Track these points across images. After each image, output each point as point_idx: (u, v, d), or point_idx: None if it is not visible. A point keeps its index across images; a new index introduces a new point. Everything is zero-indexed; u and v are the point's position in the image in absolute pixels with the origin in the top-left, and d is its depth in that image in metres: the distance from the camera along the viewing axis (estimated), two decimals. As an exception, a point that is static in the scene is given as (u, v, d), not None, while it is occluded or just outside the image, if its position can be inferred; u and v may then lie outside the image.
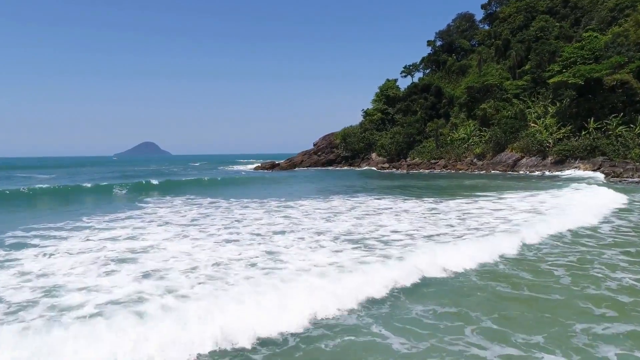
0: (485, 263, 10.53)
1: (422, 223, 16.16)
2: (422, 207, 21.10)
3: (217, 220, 17.29)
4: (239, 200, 24.37)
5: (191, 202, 24.42)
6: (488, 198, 24.77)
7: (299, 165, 71.16)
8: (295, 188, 34.27)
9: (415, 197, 25.52)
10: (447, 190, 30.37)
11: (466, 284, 9.14)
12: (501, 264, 10.57)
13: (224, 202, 23.60)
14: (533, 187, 31.25)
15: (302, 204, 22.49)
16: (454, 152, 59.72)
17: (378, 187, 34.42)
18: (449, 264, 9.94)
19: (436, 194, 27.35)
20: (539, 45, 59.93)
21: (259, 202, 23.40)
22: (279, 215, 18.41)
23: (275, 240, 13.27)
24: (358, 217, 17.91)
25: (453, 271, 9.76)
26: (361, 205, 22.04)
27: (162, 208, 21.55)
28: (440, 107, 66.61)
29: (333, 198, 25.34)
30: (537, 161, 49.15)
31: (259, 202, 23.40)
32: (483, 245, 11.61)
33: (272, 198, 25.39)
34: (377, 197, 25.49)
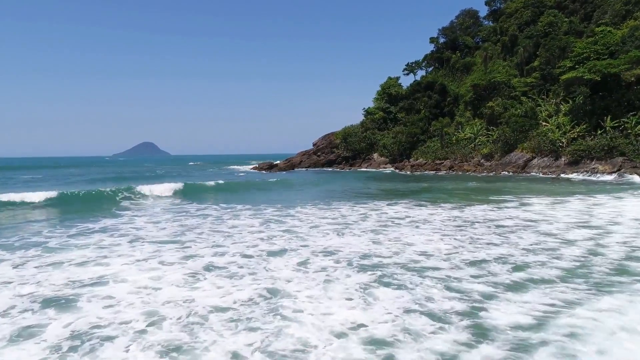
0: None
1: (454, 240, 12.97)
2: (443, 216, 17.97)
3: (202, 235, 14.10)
4: (231, 207, 21.16)
5: (176, 208, 21.22)
6: (511, 203, 21.64)
7: (298, 166, 67.94)
8: (296, 191, 31.06)
9: (430, 203, 22.36)
10: (462, 194, 27.21)
11: None
12: None
13: (214, 209, 20.42)
14: (559, 191, 28.12)
15: (305, 212, 19.30)
16: (460, 153, 56.61)
17: (385, 190, 31.25)
18: None
19: (452, 199, 24.18)
20: (548, 41, 56.84)
21: (254, 210, 20.21)
22: (278, 228, 15.22)
23: (273, 267, 10.10)
24: (373, 229, 14.73)
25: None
26: (372, 213, 18.85)
27: (142, 217, 18.34)
28: (444, 106, 63.50)
29: (339, 204, 22.15)
30: (550, 162, 46.06)
31: (254, 210, 20.20)
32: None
33: (270, 204, 22.20)
34: (389, 203, 22.31)
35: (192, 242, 12.93)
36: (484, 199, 24.68)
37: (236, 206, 21.55)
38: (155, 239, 13.59)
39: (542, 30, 61.19)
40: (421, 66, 76.11)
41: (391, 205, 21.36)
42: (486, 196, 26.15)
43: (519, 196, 25.41)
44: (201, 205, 22.02)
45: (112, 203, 23.37)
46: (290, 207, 21.05)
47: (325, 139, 71.89)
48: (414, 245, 12.25)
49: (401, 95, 68.65)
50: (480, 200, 23.85)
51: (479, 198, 24.95)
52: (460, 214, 18.64)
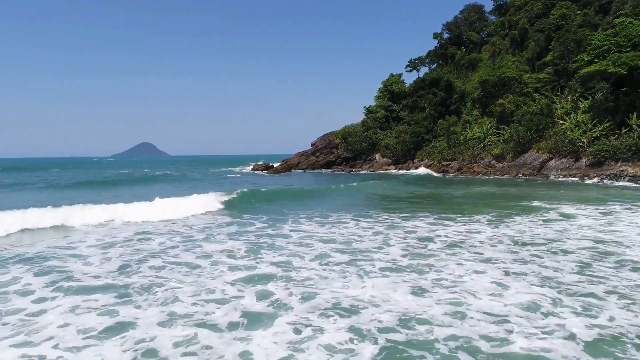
0: None
1: (529, 282, 8.69)
2: (485, 235, 13.76)
3: (145, 270, 9.82)
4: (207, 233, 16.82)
5: (117, 237, 16.90)
6: (549, 212, 17.43)
7: (295, 168, 63.61)
8: (290, 200, 26.75)
9: (458, 214, 18.13)
10: (487, 201, 22.96)
11: None
12: None
13: (175, 237, 16.09)
14: (595, 197, 23.90)
15: (302, 229, 15.02)
16: (469, 153, 52.41)
17: (394, 196, 26.96)
18: None
19: (481, 208, 19.93)
20: (562, 34, 52.72)
21: (237, 227, 15.91)
22: (266, 257, 10.94)
23: (255, 348, 5.84)
24: (402, 263, 10.44)
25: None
26: (390, 231, 14.58)
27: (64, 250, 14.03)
28: (450, 103, 59.31)
29: (343, 218, 17.86)
30: (569, 163, 41.91)
31: (238, 228, 15.91)
32: None
33: (255, 215, 17.88)
34: (406, 216, 18.04)
35: (134, 292, 8.63)
36: (515, 206, 20.48)
37: (213, 234, 17.24)
38: (80, 279, 9.27)
39: (554, 23, 57.12)
40: (424, 63, 71.90)
41: (410, 220, 17.08)
42: (516, 202, 21.96)
43: (551, 203, 21.26)
44: (144, 234, 17.71)
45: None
46: (281, 220, 16.78)
47: (324, 139, 67.58)
48: (475, 294, 7.97)
49: (404, 93, 64.42)
50: (513, 208, 19.61)
51: (510, 205, 20.72)
52: (505, 230, 14.43)
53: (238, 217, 17.69)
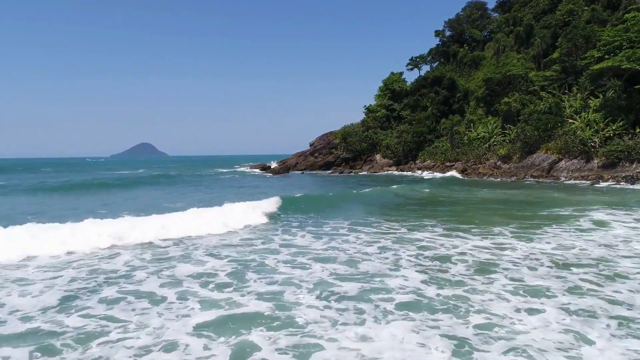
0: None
1: (620, 340, 6.33)
2: (517, 252, 11.45)
3: (93, 306, 7.45)
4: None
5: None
6: (580, 221, 15.09)
7: (294, 168, 61.23)
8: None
9: (469, 223, 15.76)
10: (502, 207, 20.61)
11: None
12: None
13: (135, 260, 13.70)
14: (621, 202, 21.56)
15: (295, 243, 12.66)
16: (473, 154, 50.12)
17: (399, 200, 24.59)
18: None
19: (498, 216, 17.58)
20: (570, 30, 50.40)
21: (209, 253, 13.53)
22: (252, 289, 8.58)
23: None
24: (429, 295, 8.06)
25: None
26: (400, 249, 12.22)
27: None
28: (453, 102, 56.99)
29: (342, 229, 15.52)
30: (580, 164, 39.61)
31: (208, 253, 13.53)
32: None
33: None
34: (415, 226, 15.69)
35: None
36: (538, 214, 18.12)
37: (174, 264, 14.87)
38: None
39: (561, 19, 54.86)
40: (426, 61, 69.56)
41: (425, 232, 14.73)
42: (537, 208, 19.62)
43: (578, 209, 18.91)
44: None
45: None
46: (268, 238, 14.43)
47: (323, 139, 65.22)
48: (544, 354, 5.60)
49: (405, 92, 62.10)
50: (537, 217, 17.26)
51: (532, 213, 18.36)
52: (538, 245, 12.08)
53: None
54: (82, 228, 12.69)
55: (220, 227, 14.75)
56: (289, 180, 44.69)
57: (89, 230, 12.55)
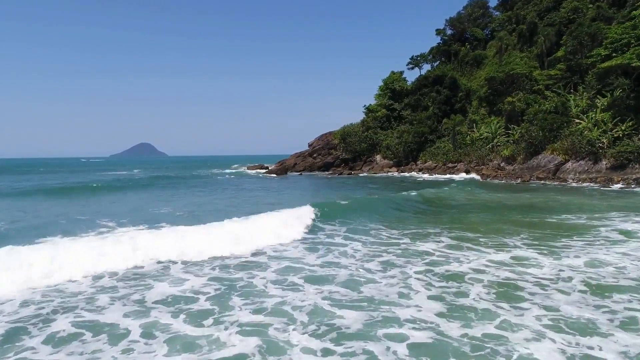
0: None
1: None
2: (541, 270, 10.03)
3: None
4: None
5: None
6: (605, 230, 13.62)
7: (292, 169, 59.73)
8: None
9: (485, 236, 14.29)
10: (511, 214, 19.12)
11: None
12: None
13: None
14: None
15: (285, 256, 11.16)
16: (476, 155, 48.66)
17: (408, 209, 23.08)
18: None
19: (509, 224, 16.11)
20: (575, 28, 48.97)
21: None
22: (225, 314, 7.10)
23: None
24: (445, 330, 6.58)
25: None
26: (405, 264, 10.75)
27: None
28: (455, 102, 55.51)
29: (346, 248, 14.05)
30: (588, 166, 38.18)
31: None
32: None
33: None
34: (417, 232, 14.20)
35: None
36: (554, 221, 16.63)
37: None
38: None
39: (565, 16, 53.42)
40: (427, 59, 68.09)
41: (422, 240, 13.24)
42: (550, 215, 18.12)
43: (597, 216, 17.42)
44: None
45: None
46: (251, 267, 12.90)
47: (322, 139, 63.70)
48: None
49: (406, 91, 60.60)
50: (552, 226, 15.78)
51: (546, 220, 16.87)
52: (564, 261, 10.59)
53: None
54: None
55: (244, 245, 12.37)
56: (287, 183, 43.20)
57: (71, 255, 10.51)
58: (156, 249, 11.26)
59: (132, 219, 17.18)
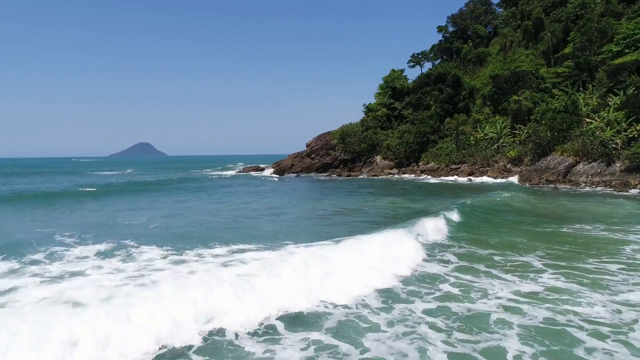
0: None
1: None
2: (577, 307, 7.88)
3: None
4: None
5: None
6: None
7: (289, 171, 57.50)
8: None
9: (509, 250, 12.10)
10: (521, 225, 16.92)
11: None
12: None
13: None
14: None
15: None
16: (480, 156, 46.48)
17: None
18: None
19: (522, 238, 13.92)
20: (584, 23, 46.77)
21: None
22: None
23: None
24: None
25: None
26: (416, 301, 8.56)
27: None
28: (458, 101, 53.32)
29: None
30: (601, 168, 35.99)
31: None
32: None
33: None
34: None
35: None
36: (578, 233, 14.45)
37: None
38: None
39: (572, 12, 51.20)
40: (428, 57, 65.86)
41: (428, 260, 11.05)
42: (572, 225, 15.93)
43: (630, 228, 15.25)
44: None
45: None
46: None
47: (320, 139, 61.47)
48: None
49: (407, 89, 58.39)
50: (578, 240, 13.59)
51: (564, 232, 14.68)
52: (618, 295, 8.39)
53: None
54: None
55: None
56: (283, 186, 41.00)
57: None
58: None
59: (97, 234, 14.93)
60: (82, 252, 12.21)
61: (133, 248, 12.45)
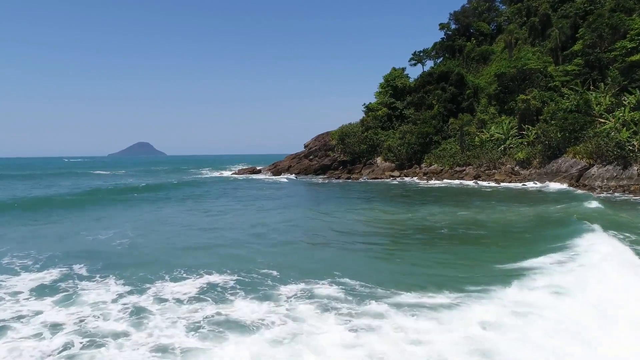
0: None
1: None
2: None
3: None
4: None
5: None
6: None
7: (286, 172, 54.96)
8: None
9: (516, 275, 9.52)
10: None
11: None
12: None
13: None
14: None
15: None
16: (486, 157, 43.97)
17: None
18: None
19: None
20: (594, 19, 44.33)
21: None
22: None
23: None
24: None
25: None
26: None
27: None
28: (462, 100, 50.82)
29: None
30: (617, 171, 33.50)
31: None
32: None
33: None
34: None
35: None
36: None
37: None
38: None
39: (581, 8, 48.78)
40: (430, 55, 63.37)
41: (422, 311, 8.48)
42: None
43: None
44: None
45: None
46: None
47: (318, 140, 58.90)
48: None
49: (409, 88, 55.86)
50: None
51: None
52: None
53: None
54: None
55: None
56: (278, 192, 38.44)
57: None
58: None
59: (51, 254, 12.36)
60: (20, 283, 9.70)
61: (83, 280, 9.93)
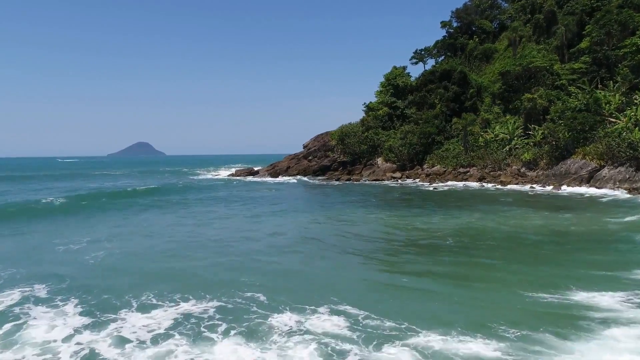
0: None
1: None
2: None
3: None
4: None
5: None
6: None
7: (285, 173, 53.33)
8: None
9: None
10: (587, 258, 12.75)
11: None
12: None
13: None
14: None
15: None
16: (491, 158, 42.37)
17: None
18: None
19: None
20: (601, 16, 42.75)
21: None
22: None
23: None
24: None
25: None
26: None
27: None
28: (465, 99, 49.22)
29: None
30: (629, 173, 31.94)
31: None
32: None
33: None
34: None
35: None
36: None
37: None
38: None
39: (588, 4, 47.19)
40: (432, 54, 61.76)
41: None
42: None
43: None
44: None
45: None
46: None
47: (318, 140, 57.30)
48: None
49: (410, 87, 54.27)
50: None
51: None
52: None
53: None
54: None
55: None
56: (275, 196, 36.83)
57: None
58: None
59: (12, 272, 10.75)
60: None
61: (40, 305, 8.40)
